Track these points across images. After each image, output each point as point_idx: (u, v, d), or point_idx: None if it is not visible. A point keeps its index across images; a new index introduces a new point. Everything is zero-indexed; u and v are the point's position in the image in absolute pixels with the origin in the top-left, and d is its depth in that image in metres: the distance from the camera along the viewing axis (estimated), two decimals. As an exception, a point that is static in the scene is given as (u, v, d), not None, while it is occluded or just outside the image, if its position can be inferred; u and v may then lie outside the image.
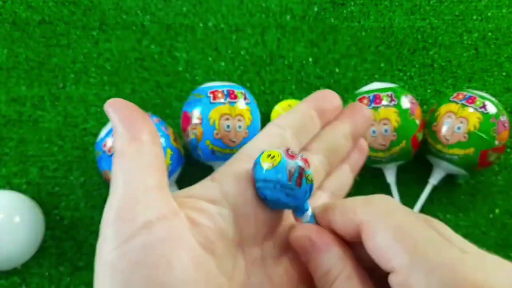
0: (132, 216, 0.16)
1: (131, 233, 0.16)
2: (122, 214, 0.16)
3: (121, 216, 0.16)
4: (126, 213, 0.16)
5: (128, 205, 0.16)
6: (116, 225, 0.16)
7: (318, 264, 0.18)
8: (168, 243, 0.16)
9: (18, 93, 0.55)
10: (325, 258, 0.18)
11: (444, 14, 0.60)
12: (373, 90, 0.47)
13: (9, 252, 0.45)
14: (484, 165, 0.46)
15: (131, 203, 0.16)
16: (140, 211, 0.16)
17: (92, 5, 0.59)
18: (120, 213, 0.16)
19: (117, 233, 0.16)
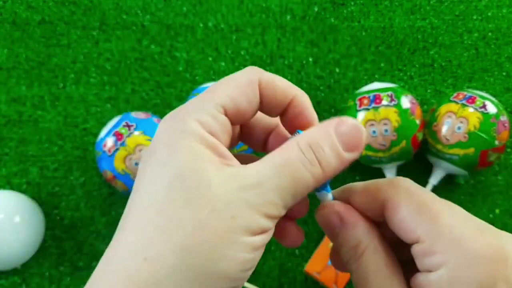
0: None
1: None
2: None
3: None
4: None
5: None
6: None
7: (347, 239, 0.19)
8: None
9: (18, 93, 0.55)
10: (354, 233, 0.19)
11: (444, 14, 0.60)
12: (373, 90, 0.47)
13: (9, 252, 0.45)
14: (484, 165, 0.46)
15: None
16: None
17: (92, 5, 0.59)
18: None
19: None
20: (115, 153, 0.44)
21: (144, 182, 0.17)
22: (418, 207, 0.18)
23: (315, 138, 0.18)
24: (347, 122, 0.18)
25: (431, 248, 0.17)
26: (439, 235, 0.17)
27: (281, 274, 0.48)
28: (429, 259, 0.17)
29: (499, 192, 0.52)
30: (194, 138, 0.17)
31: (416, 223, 0.17)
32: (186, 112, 0.18)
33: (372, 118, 0.45)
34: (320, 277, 0.45)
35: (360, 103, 0.47)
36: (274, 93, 0.20)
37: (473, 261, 0.16)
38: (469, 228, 0.17)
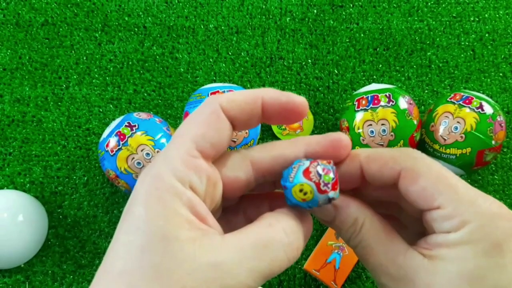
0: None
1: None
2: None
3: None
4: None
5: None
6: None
7: (344, 219, 0.20)
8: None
9: (21, 93, 0.55)
10: (349, 212, 0.20)
11: (442, 15, 0.60)
12: (371, 91, 0.48)
13: (12, 250, 0.45)
14: (481, 164, 0.47)
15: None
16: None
17: (95, 7, 0.60)
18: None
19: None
20: (118, 153, 0.44)
21: (117, 246, 0.17)
22: (437, 177, 0.19)
23: (294, 228, 0.18)
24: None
25: (452, 213, 0.18)
26: (459, 201, 0.18)
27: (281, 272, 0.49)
28: (451, 222, 0.18)
29: (496, 191, 0.53)
30: (169, 196, 0.17)
31: (437, 191, 0.18)
32: (160, 166, 0.18)
33: (370, 119, 0.46)
34: (319, 274, 0.46)
35: (359, 103, 0.47)
36: (240, 109, 0.19)
37: (491, 221, 0.18)
38: (482, 196, 0.19)
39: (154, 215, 0.17)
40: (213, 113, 0.19)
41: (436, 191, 0.18)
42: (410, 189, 0.19)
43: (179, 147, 0.18)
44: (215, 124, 0.19)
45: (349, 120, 0.47)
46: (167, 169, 0.17)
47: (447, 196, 0.18)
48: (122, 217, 0.18)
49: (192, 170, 0.18)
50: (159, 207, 0.17)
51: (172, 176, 0.17)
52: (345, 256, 0.46)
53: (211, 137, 0.18)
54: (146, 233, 0.16)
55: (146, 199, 0.17)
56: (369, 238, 0.20)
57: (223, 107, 0.19)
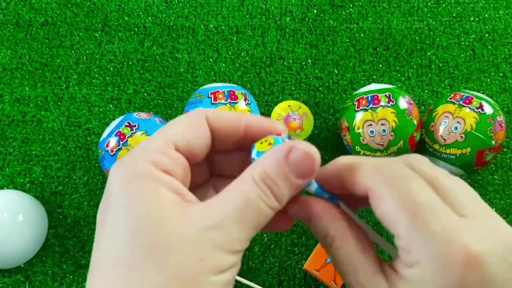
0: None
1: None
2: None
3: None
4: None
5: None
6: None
7: (317, 231, 0.21)
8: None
9: (21, 93, 0.55)
10: (320, 225, 0.20)
11: (442, 15, 0.60)
12: (371, 91, 0.48)
13: (12, 250, 0.45)
14: (480, 164, 0.47)
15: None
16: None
17: (95, 7, 0.60)
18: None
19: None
20: (118, 153, 0.44)
21: (105, 237, 0.17)
22: (400, 200, 0.18)
23: (268, 171, 0.18)
24: (298, 150, 0.18)
25: (407, 246, 0.17)
26: (415, 234, 0.17)
27: (281, 272, 0.49)
28: (406, 255, 0.17)
29: (496, 191, 0.53)
30: (147, 179, 0.17)
31: (397, 218, 0.18)
32: (135, 155, 0.18)
33: (370, 119, 0.46)
34: (319, 274, 0.46)
35: (359, 103, 0.47)
36: (223, 122, 0.20)
37: (444, 266, 0.16)
38: (450, 223, 0.17)
39: (136, 199, 0.17)
40: (196, 119, 0.20)
41: (395, 217, 0.18)
42: (376, 210, 0.19)
43: (156, 140, 0.19)
44: (196, 128, 0.20)
45: (349, 120, 0.47)
46: (143, 156, 0.18)
47: (404, 226, 0.17)
48: (103, 208, 0.18)
49: (167, 157, 0.18)
50: (140, 191, 0.17)
51: (148, 162, 0.18)
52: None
53: (189, 137, 0.19)
54: (132, 218, 0.17)
55: (125, 186, 0.17)
56: (339, 255, 0.20)
57: (207, 117, 0.20)
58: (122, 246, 0.16)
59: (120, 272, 0.16)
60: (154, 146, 0.19)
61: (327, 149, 0.53)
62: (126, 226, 0.17)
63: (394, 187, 0.18)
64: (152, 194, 0.17)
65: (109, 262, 0.17)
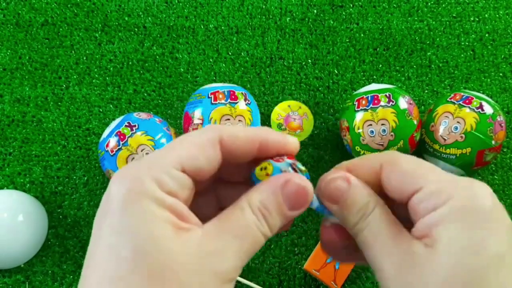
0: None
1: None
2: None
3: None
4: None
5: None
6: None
7: (356, 199, 0.20)
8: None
9: (21, 93, 0.55)
10: (363, 193, 0.21)
11: (442, 15, 0.61)
12: (371, 91, 0.48)
13: (12, 250, 0.45)
14: (480, 164, 0.47)
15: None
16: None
17: (95, 7, 0.60)
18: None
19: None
20: (118, 153, 0.44)
21: (100, 254, 0.17)
22: (416, 162, 0.20)
23: (264, 201, 0.19)
24: (293, 183, 0.19)
25: (435, 189, 0.19)
26: (439, 180, 0.19)
27: (281, 272, 0.49)
28: (435, 199, 0.19)
29: (496, 191, 0.53)
30: (151, 200, 0.17)
31: (417, 174, 0.19)
32: (141, 171, 0.18)
33: (370, 119, 0.46)
34: (319, 274, 0.46)
35: (359, 103, 0.47)
36: (238, 145, 0.20)
37: (474, 196, 0.18)
38: (459, 177, 0.20)
39: (138, 221, 0.17)
40: (210, 141, 0.19)
41: (416, 174, 0.19)
42: (392, 177, 0.20)
43: (164, 158, 0.19)
44: (207, 152, 0.19)
45: (349, 120, 0.48)
46: (149, 174, 0.18)
47: (427, 177, 0.19)
48: (100, 218, 0.18)
49: (173, 179, 0.18)
50: (143, 213, 0.17)
51: (153, 182, 0.18)
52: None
53: (198, 162, 0.19)
54: (131, 238, 0.16)
55: (127, 204, 0.17)
56: (379, 223, 0.20)
57: (223, 139, 0.20)
58: (125, 266, 0.16)
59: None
60: (161, 165, 0.18)
61: (327, 149, 0.53)
62: (129, 246, 0.16)
63: (406, 157, 0.20)
64: (155, 218, 0.17)
65: (107, 279, 0.16)
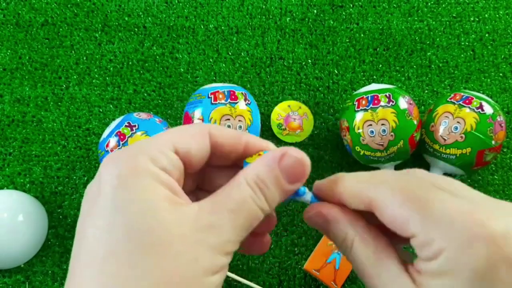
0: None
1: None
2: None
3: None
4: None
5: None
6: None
7: (335, 234, 0.21)
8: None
9: (21, 93, 0.55)
10: (339, 228, 0.20)
11: (442, 15, 0.61)
12: (371, 91, 0.48)
13: (12, 250, 0.45)
14: (480, 164, 0.47)
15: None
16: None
17: (95, 7, 0.60)
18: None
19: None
20: (118, 152, 0.44)
21: (96, 229, 0.17)
22: (404, 201, 0.18)
23: (261, 175, 0.19)
24: (290, 155, 0.19)
25: (427, 239, 0.17)
26: (432, 224, 0.17)
27: (281, 272, 0.49)
28: (428, 249, 0.17)
29: (496, 192, 0.53)
30: (146, 176, 0.17)
31: (406, 218, 0.17)
32: (134, 151, 0.18)
33: (370, 119, 0.46)
34: (319, 274, 0.46)
35: (359, 103, 0.47)
36: (226, 139, 0.21)
37: (470, 246, 0.16)
38: (462, 208, 0.17)
39: (134, 196, 0.17)
40: (200, 130, 0.20)
41: (404, 218, 0.18)
42: (383, 221, 0.19)
43: (157, 139, 0.19)
44: (198, 138, 0.20)
45: (349, 120, 0.48)
46: (143, 152, 0.18)
47: (417, 221, 0.17)
48: (92, 198, 0.18)
49: (166, 157, 0.18)
50: (138, 188, 0.17)
51: (147, 159, 0.18)
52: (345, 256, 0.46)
53: (190, 145, 0.19)
54: (130, 214, 0.17)
55: (123, 181, 0.17)
56: (360, 257, 0.20)
57: (210, 131, 0.20)
58: (117, 241, 0.16)
59: (113, 267, 0.16)
60: (154, 144, 0.19)
61: (327, 149, 0.53)
62: (122, 222, 0.16)
63: (394, 192, 0.18)
64: (151, 192, 0.17)
65: (100, 256, 0.16)
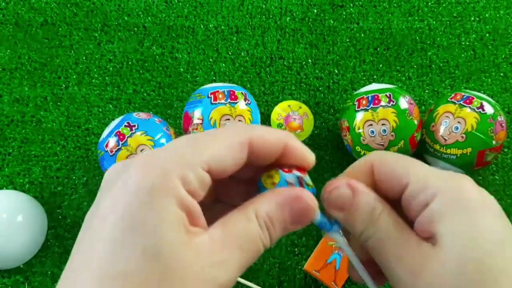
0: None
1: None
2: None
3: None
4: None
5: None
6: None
7: (362, 207, 0.21)
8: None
9: (21, 93, 0.55)
10: (368, 200, 0.21)
11: (442, 15, 0.60)
12: (371, 90, 0.48)
13: (12, 251, 0.45)
14: (481, 165, 0.47)
15: None
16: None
17: (94, 6, 0.60)
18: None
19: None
20: (117, 153, 0.44)
21: (99, 247, 0.16)
22: (403, 159, 0.21)
23: (271, 214, 0.19)
24: (303, 201, 0.19)
25: (422, 185, 0.19)
26: (423, 174, 0.20)
27: (281, 272, 0.49)
28: (424, 193, 0.19)
29: (496, 192, 0.53)
30: (173, 198, 0.17)
31: (405, 169, 0.20)
32: (170, 164, 0.17)
33: (370, 119, 0.46)
34: (319, 275, 0.46)
35: (359, 103, 0.47)
36: (264, 148, 0.20)
37: (460, 190, 0.19)
38: (446, 171, 0.21)
39: (156, 216, 0.16)
40: (241, 143, 0.19)
41: (400, 170, 0.20)
42: (381, 177, 0.21)
43: (193, 155, 0.18)
44: (236, 154, 0.19)
45: (350, 120, 0.47)
46: (177, 169, 0.17)
47: (413, 171, 0.20)
48: (105, 207, 0.17)
49: (197, 178, 0.18)
50: (161, 208, 0.17)
51: (179, 179, 0.17)
52: (345, 257, 0.46)
53: (225, 163, 0.19)
54: (147, 235, 0.16)
55: (148, 198, 0.17)
56: (387, 229, 0.20)
57: (252, 141, 0.19)
58: (123, 263, 0.16)
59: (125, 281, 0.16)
60: (190, 161, 0.18)
61: (327, 149, 0.53)
62: (140, 242, 0.16)
63: (391, 154, 0.22)
64: (172, 219, 0.17)
65: (104, 277, 0.16)
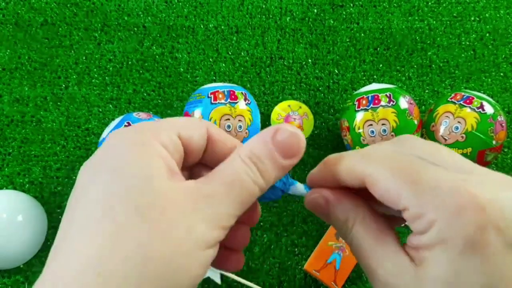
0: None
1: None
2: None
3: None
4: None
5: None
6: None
7: (337, 216, 0.21)
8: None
9: (21, 93, 0.55)
10: (341, 209, 0.20)
11: (442, 15, 0.60)
12: (371, 90, 0.48)
13: (12, 251, 0.45)
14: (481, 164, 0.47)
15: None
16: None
17: (94, 6, 0.60)
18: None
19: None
20: (117, 153, 0.44)
21: (96, 186, 0.17)
22: (395, 175, 0.18)
23: (255, 150, 0.19)
24: (284, 130, 0.19)
25: (419, 212, 0.17)
26: (422, 197, 0.17)
27: (281, 272, 0.49)
28: (419, 222, 0.17)
29: (496, 192, 0.53)
30: (153, 151, 0.18)
31: (398, 192, 0.18)
32: (142, 127, 0.19)
33: (370, 119, 0.46)
34: (319, 275, 0.46)
35: (359, 103, 0.47)
36: (219, 137, 0.21)
37: (459, 215, 0.16)
38: (451, 180, 0.17)
39: (139, 161, 0.17)
40: (199, 122, 0.21)
41: (396, 192, 0.18)
42: (377, 196, 0.19)
43: (161, 123, 0.20)
44: (199, 130, 0.20)
45: (350, 120, 0.47)
46: (148, 131, 0.19)
47: (407, 195, 0.17)
48: (97, 163, 0.18)
49: (170, 140, 0.19)
50: (144, 156, 0.18)
51: (152, 137, 0.18)
52: (345, 257, 0.46)
53: (192, 133, 0.20)
54: (131, 175, 0.17)
55: (132, 147, 0.18)
56: (360, 237, 0.20)
57: (208, 127, 0.21)
58: (117, 199, 0.16)
59: (107, 227, 0.16)
60: (159, 126, 0.19)
61: (327, 149, 0.53)
62: (123, 182, 0.17)
63: (386, 164, 0.18)
64: (155, 163, 0.18)
65: (95, 217, 0.16)
